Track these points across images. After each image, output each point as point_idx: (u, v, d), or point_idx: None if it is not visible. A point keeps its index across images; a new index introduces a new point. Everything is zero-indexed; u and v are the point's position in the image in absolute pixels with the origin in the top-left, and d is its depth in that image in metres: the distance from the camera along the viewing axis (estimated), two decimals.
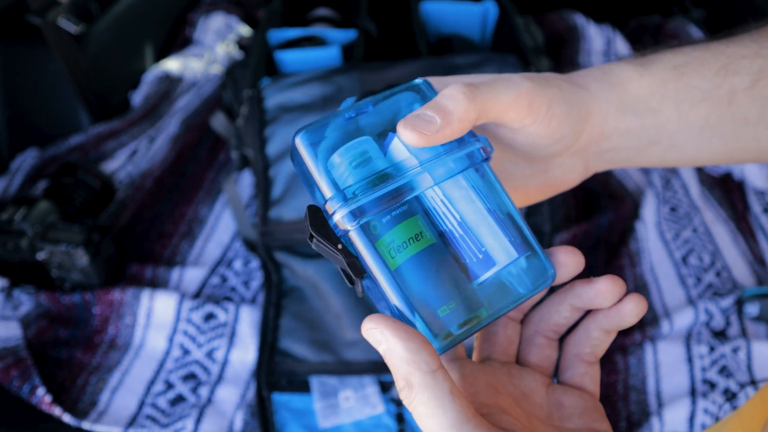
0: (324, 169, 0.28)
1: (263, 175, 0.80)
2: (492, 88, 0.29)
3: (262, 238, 0.79)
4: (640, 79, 0.33)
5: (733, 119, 0.33)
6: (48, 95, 1.07)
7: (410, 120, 0.28)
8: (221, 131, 1.05)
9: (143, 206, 0.98)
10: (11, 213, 0.80)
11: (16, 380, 0.70)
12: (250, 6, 1.44)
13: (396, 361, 0.25)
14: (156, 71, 1.23)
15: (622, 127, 0.33)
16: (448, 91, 0.28)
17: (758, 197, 0.96)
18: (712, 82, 0.33)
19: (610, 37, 1.25)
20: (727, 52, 0.33)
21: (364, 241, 0.27)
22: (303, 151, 0.29)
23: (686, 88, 0.33)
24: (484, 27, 1.09)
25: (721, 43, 0.34)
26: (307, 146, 0.28)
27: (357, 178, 0.28)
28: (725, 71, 0.33)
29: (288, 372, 0.75)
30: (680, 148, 0.35)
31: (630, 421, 0.71)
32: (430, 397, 0.24)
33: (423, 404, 0.24)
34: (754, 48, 0.33)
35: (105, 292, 0.81)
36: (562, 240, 0.88)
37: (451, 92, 0.28)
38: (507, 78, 0.30)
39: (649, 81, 0.33)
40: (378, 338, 0.25)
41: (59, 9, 1.02)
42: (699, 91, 0.33)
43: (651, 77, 0.33)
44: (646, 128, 0.34)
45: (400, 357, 0.25)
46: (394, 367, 0.25)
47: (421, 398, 0.24)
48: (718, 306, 0.78)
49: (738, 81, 0.33)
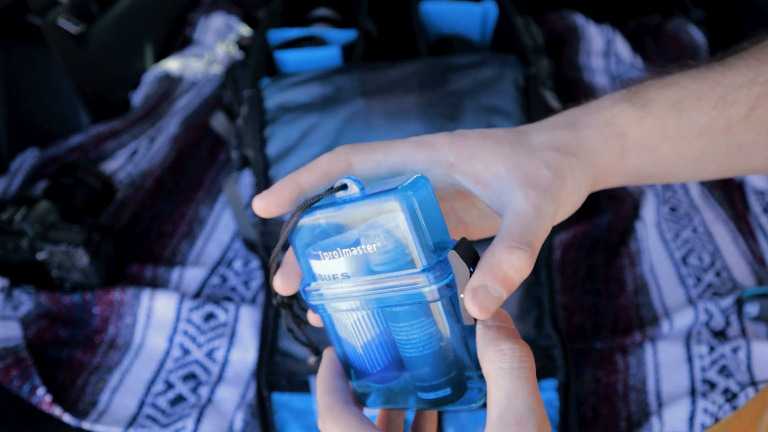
0: (303, 259, 0.33)
1: (263, 175, 0.80)
2: (542, 233, 0.29)
3: (262, 238, 0.79)
4: (641, 123, 0.33)
5: (728, 147, 0.34)
6: (48, 95, 1.08)
7: (480, 297, 0.28)
8: (221, 131, 1.05)
9: (143, 206, 0.98)
10: (11, 213, 0.80)
11: (16, 380, 0.71)
12: (250, 6, 1.44)
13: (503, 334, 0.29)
14: (156, 71, 1.23)
15: (621, 169, 0.34)
16: (516, 261, 0.28)
17: (758, 197, 0.96)
18: (710, 115, 0.33)
19: (610, 37, 1.25)
20: (724, 83, 0.33)
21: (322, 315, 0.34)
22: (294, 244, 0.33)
23: (686, 124, 0.33)
24: (484, 27, 1.09)
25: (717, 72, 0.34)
26: (294, 242, 0.33)
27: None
28: (723, 102, 0.33)
29: (288, 372, 0.75)
30: (674, 176, 0.36)
31: (630, 421, 0.71)
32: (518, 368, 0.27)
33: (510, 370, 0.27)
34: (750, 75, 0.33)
35: (105, 292, 0.81)
36: (562, 240, 0.89)
37: (519, 264, 0.28)
38: (539, 211, 0.29)
39: (650, 123, 0.33)
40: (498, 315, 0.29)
41: (59, 9, 1.02)
42: (697, 126, 0.33)
43: (652, 119, 0.33)
44: (643, 165, 0.34)
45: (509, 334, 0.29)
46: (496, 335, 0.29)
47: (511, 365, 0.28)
48: (718, 306, 0.78)
49: (735, 111, 0.33)
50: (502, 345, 0.28)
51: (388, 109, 0.79)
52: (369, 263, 0.30)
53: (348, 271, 0.31)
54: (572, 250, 0.89)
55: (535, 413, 0.26)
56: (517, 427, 0.26)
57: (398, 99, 0.80)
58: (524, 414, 0.26)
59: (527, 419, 0.26)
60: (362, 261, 0.30)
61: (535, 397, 0.27)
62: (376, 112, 0.79)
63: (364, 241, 0.30)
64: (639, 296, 0.83)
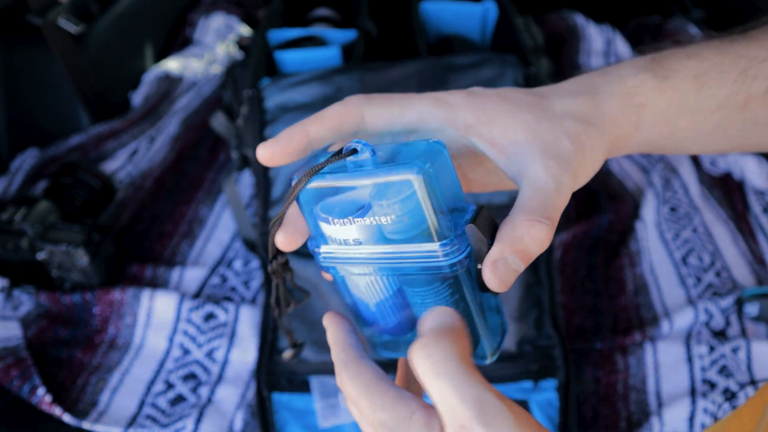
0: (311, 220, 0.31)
1: (263, 175, 0.80)
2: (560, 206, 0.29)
3: (262, 238, 0.79)
4: (660, 95, 0.32)
5: (743, 123, 0.33)
6: (48, 95, 1.07)
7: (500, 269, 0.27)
8: (221, 131, 1.05)
9: (143, 206, 0.98)
10: (11, 213, 0.80)
11: (16, 380, 0.70)
12: (250, 6, 1.44)
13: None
14: (156, 71, 1.23)
15: (634, 141, 0.33)
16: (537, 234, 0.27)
17: (758, 197, 0.96)
18: (730, 89, 0.32)
19: (610, 37, 1.25)
20: (748, 55, 0.33)
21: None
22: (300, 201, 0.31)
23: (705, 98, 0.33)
24: (484, 27, 1.09)
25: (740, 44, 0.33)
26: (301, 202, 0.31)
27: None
28: (744, 76, 0.32)
29: (288, 372, 0.75)
30: (685, 149, 0.35)
31: (630, 421, 0.71)
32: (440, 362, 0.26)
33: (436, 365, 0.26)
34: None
35: (105, 292, 0.81)
36: (562, 240, 0.88)
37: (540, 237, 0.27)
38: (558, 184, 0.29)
39: (669, 95, 0.32)
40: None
41: (59, 9, 1.02)
42: (716, 100, 0.33)
43: (672, 91, 0.32)
44: (657, 138, 0.34)
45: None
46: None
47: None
48: (718, 306, 0.78)
49: (755, 86, 0.32)
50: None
51: None
52: (382, 231, 0.29)
53: (360, 237, 0.30)
54: (572, 250, 0.89)
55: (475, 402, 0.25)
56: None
57: None
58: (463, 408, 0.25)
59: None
60: (375, 229, 0.29)
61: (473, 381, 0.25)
62: None
63: (378, 211, 0.28)
64: (639, 296, 0.83)
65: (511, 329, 0.73)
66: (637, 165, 1.03)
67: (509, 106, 0.30)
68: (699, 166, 1.02)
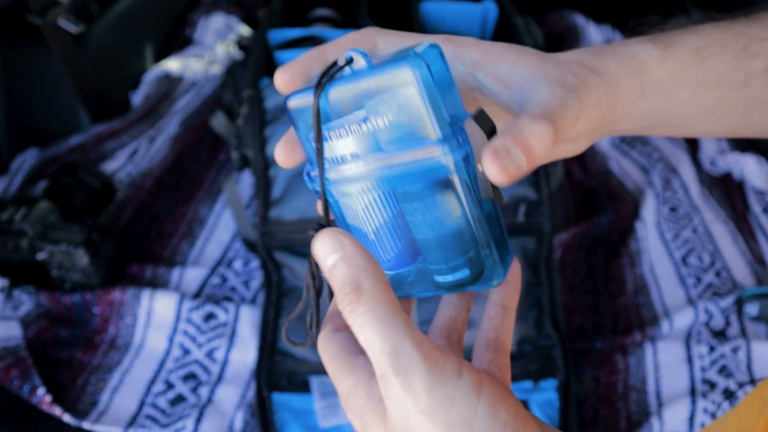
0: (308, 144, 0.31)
1: (263, 175, 0.80)
2: (563, 121, 0.28)
3: (262, 238, 0.79)
4: (662, 63, 0.32)
5: (744, 102, 0.34)
6: (48, 95, 1.07)
7: (501, 156, 0.26)
8: (221, 131, 1.05)
9: (143, 206, 0.98)
10: (11, 213, 0.80)
11: (16, 380, 0.70)
12: (250, 6, 1.44)
13: (349, 268, 0.26)
14: (156, 71, 1.23)
15: (636, 111, 0.33)
16: (539, 131, 0.27)
17: (758, 197, 0.96)
18: (731, 65, 0.33)
19: (610, 38, 1.25)
20: (749, 34, 0.33)
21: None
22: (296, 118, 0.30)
23: (705, 72, 0.33)
24: (484, 27, 1.09)
25: (743, 24, 0.34)
26: (298, 126, 0.30)
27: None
28: (744, 54, 0.33)
29: (288, 372, 0.75)
30: (687, 127, 0.35)
31: (630, 421, 0.71)
32: (380, 304, 0.25)
33: (370, 311, 0.25)
34: None
35: (105, 292, 0.81)
36: (562, 240, 0.88)
37: (542, 133, 0.27)
38: (563, 101, 0.28)
39: (671, 65, 0.33)
40: (333, 245, 0.27)
41: (59, 9, 1.02)
42: (716, 74, 0.33)
43: (673, 61, 0.33)
44: (658, 111, 0.34)
45: (356, 263, 0.26)
46: (343, 274, 0.26)
47: (369, 305, 0.25)
48: (717, 306, 0.78)
49: (756, 64, 0.33)
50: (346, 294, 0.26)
51: None
52: (379, 141, 0.28)
53: (357, 150, 0.29)
54: (572, 250, 0.89)
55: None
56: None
57: None
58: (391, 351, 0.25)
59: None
60: (372, 139, 0.28)
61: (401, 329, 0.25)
62: None
63: (374, 117, 0.27)
64: (639, 296, 0.83)
65: None
66: (637, 165, 1.03)
67: (515, 50, 0.31)
68: (699, 166, 1.02)
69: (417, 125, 0.27)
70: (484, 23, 1.09)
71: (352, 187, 0.30)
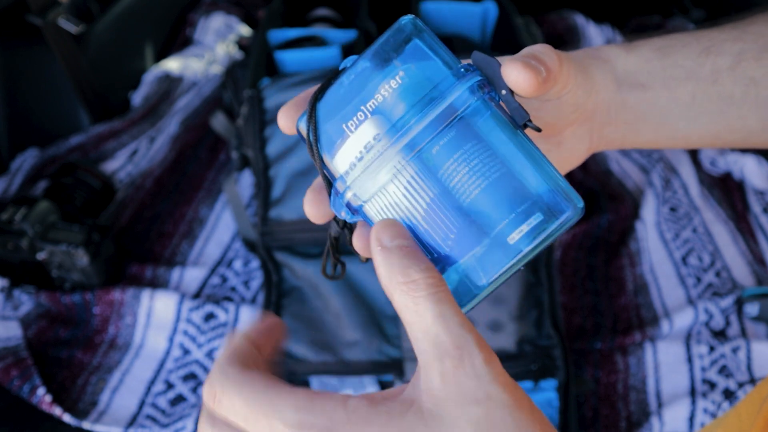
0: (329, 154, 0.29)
1: (263, 175, 0.80)
2: (565, 56, 0.30)
3: (262, 238, 0.79)
4: (626, 57, 0.35)
5: (718, 97, 0.35)
6: (48, 95, 1.07)
7: (527, 61, 0.28)
8: (221, 131, 1.05)
9: (143, 206, 0.98)
10: (11, 213, 0.80)
11: (16, 380, 0.70)
12: (250, 6, 1.44)
13: (408, 256, 0.25)
14: (156, 71, 1.23)
15: (618, 99, 0.35)
16: (543, 49, 0.29)
17: (758, 197, 0.96)
18: (695, 61, 0.34)
19: (610, 38, 1.25)
20: (710, 36, 0.35)
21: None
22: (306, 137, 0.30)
23: (671, 66, 0.35)
24: (484, 27, 1.09)
25: (703, 31, 0.36)
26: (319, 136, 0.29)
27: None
28: (707, 52, 0.34)
29: (288, 372, 0.75)
30: (670, 125, 0.36)
31: (630, 421, 0.71)
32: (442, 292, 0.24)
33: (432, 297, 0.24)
34: (735, 33, 0.35)
35: (105, 292, 0.81)
36: (562, 240, 0.89)
37: (546, 51, 0.29)
38: (551, 49, 0.31)
39: (635, 59, 0.35)
40: (395, 232, 0.26)
41: (59, 9, 1.02)
42: (683, 69, 0.34)
43: (636, 56, 0.35)
44: (638, 102, 0.35)
45: (415, 254, 0.25)
46: (400, 261, 0.25)
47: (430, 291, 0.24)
48: (717, 306, 0.78)
49: (721, 61, 0.34)
50: (413, 274, 0.24)
51: None
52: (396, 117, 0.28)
53: (378, 129, 0.28)
54: (572, 250, 0.89)
55: (470, 332, 0.24)
56: (457, 351, 0.23)
57: None
58: (460, 334, 0.23)
59: (465, 339, 0.23)
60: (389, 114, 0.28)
61: (463, 317, 0.24)
62: None
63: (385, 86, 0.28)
64: (639, 296, 0.83)
65: (511, 329, 0.73)
66: (637, 165, 1.03)
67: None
68: (699, 166, 1.02)
69: (427, 75, 0.28)
70: (484, 23, 1.09)
71: (384, 174, 0.28)
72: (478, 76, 0.28)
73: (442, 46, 0.29)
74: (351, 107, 0.29)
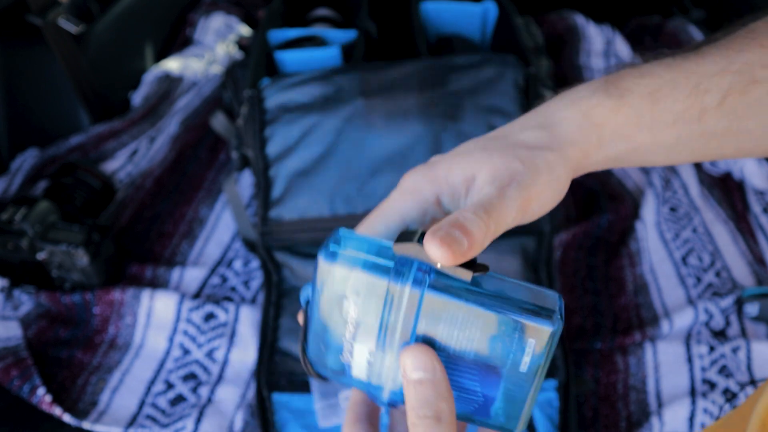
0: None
1: (263, 175, 0.80)
2: (500, 211, 0.29)
3: (262, 238, 0.79)
4: (617, 113, 0.34)
5: (701, 134, 0.35)
6: (48, 95, 1.07)
7: (445, 236, 0.27)
8: (221, 131, 1.05)
9: (143, 206, 0.98)
10: (11, 213, 0.80)
11: (16, 380, 0.71)
12: (250, 6, 1.44)
13: (435, 393, 0.28)
14: (156, 71, 1.23)
15: (599, 157, 0.35)
16: (467, 215, 0.28)
17: (758, 197, 0.96)
18: (684, 103, 0.34)
19: (610, 38, 1.25)
20: (698, 72, 0.34)
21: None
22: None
23: (660, 111, 0.34)
24: (484, 27, 1.09)
25: (692, 61, 0.35)
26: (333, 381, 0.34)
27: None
28: (696, 91, 0.34)
29: (288, 372, 0.75)
30: (651, 162, 0.37)
31: (630, 421, 0.71)
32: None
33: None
34: (723, 64, 0.34)
35: (105, 292, 0.81)
36: (562, 240, 0.89)
37: (476, 220, 0.28)
38: (501, 192, 0.30)
39: (626, 113, 0.34)
40: (426, 364, 0.28)
41: (59, 9, 1.02)
42: (672, 114, 0.34)
43: (627, 109, 0.34)
44: (620, 153, 0.35)
45: (441, 392, 0.28)
46: (427, 396, 0.28)
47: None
48: (717, 306, 0.78)
49: (708, 99, 0.34)
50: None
51: (388, 109, 0.79)
52: (369, 328, 0.30)
53: (371, 346, 0.30)
54: (572, 250, 0.89)
55: None
56: None
57: (398, 99, 0.80)
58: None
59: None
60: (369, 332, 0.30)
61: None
62: (376, 112, 0.79)
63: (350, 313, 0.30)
64: (639, 296, 0.83)
65: None
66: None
67: (460, 158, 0.32)
68: (699, 166, 1.02)
69: (372, 295, 0.29)
70: (484, 23, 1.09)
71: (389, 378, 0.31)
72: (415, 266, 0.29)
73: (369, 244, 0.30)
74: (335, 342, 0.31)
